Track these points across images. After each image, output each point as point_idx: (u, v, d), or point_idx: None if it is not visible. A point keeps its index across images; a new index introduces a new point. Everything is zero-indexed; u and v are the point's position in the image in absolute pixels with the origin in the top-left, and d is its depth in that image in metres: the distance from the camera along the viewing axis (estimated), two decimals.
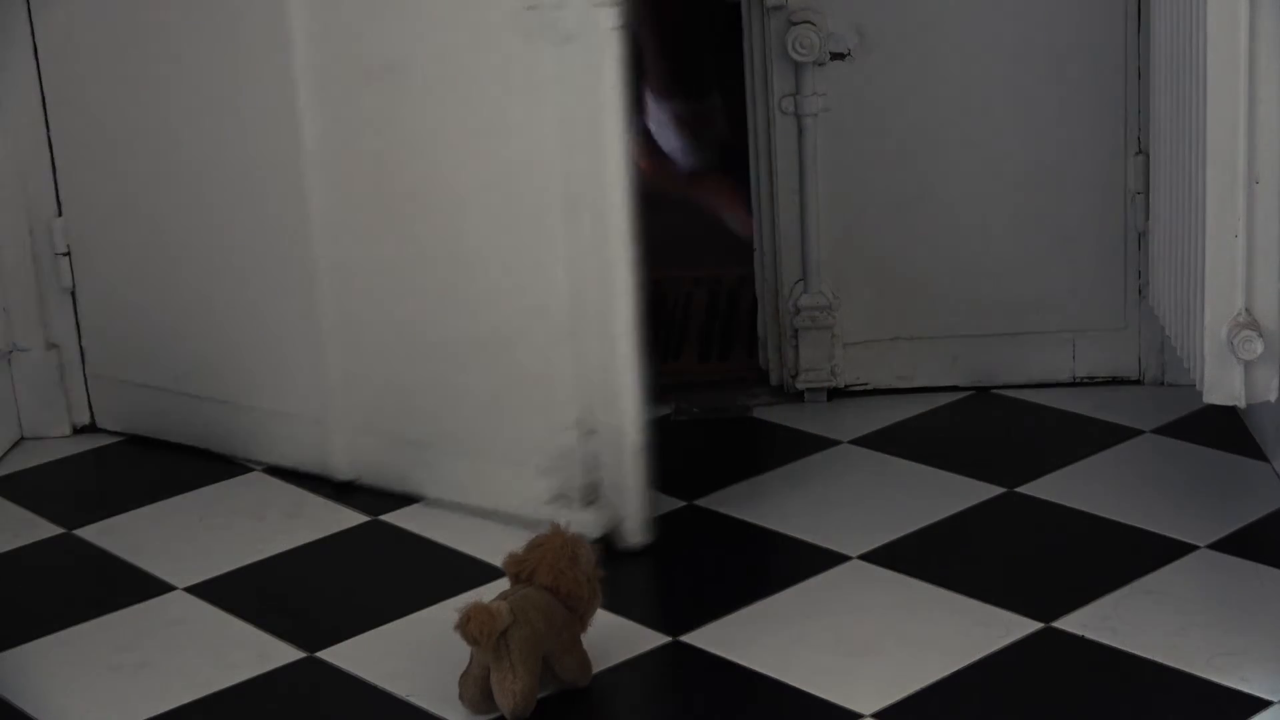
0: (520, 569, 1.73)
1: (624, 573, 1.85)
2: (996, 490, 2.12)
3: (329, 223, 2.13)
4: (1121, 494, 2.09)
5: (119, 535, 2.15)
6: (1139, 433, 2.25)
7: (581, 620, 1.74)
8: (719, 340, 2.66)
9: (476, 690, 1.69)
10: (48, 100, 2.32)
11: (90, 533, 2.16)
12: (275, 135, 2.14)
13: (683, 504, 2.12)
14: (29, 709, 1.79)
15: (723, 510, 2.10)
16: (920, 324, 2.39)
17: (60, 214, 2.36)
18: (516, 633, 1.65)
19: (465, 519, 2.11)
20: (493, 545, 1.99)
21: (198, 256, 2.26)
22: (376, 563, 2.06)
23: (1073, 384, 2.40)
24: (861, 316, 2.39)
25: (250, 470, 2.31)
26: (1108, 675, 1.74)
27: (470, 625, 1.63)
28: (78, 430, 2.43)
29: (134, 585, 2.03)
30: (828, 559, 1.99)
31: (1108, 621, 1.82)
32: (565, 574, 1.71)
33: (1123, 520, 2.03)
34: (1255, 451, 2.16)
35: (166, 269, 2.30)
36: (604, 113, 1.90)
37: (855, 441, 2.28)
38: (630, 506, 2.00)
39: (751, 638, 1.84)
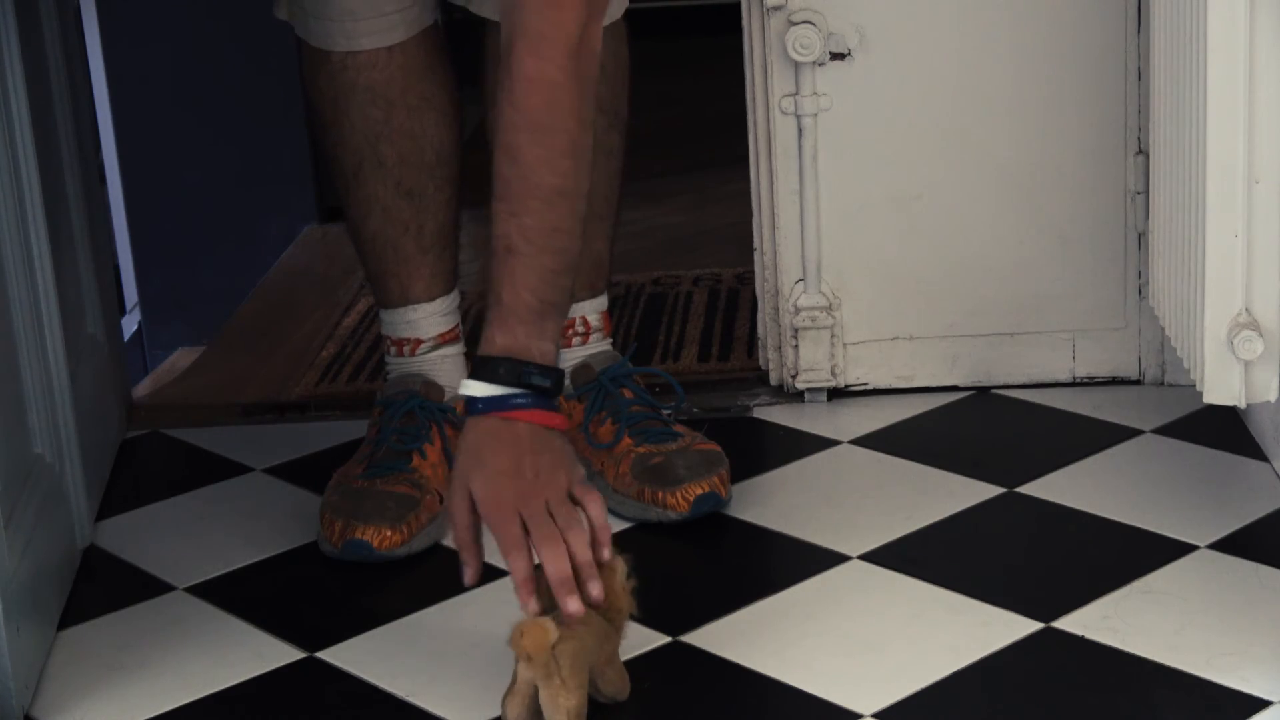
0: None
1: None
2: (996, 490, 2.12)
3: None
4: (1121, 494, 2.09)
5: (118, 535, 2.15)
6: (1139, 433, 2.25)
7: (617, 632, 1.72)
8: (719, 340, 2.66)
9: (524, 709, 1.64)
10: None
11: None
12: None
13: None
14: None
15: (722, 510, 2.10)
16: (920, 324, 2.39)
17: None
18: (565, 647, 1.62)
19: None
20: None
21: None
22: (376, 562, 2.05)
23: (1073, 384, 2.40)
24: (861, 316, 2.39)
25: (250, 470, 2.31)
26: (1108, 675, 1.74)
27: (525, 639, 1.59)
28: None
29: (134, 585, 2.03)
30: (828, 559, 1.99)
31: (1108, 621, 1.82)
32: (604, 588, 1.69)
33: (1123, 520, 2.03)
34: (1255, 451, 2.16)
35: None
36: None
37: (855, 441, 2.28)
38: None
39: (751, 638, 1.84)
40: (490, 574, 1.97)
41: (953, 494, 2.12)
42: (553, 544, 1.65)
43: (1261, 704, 1.67)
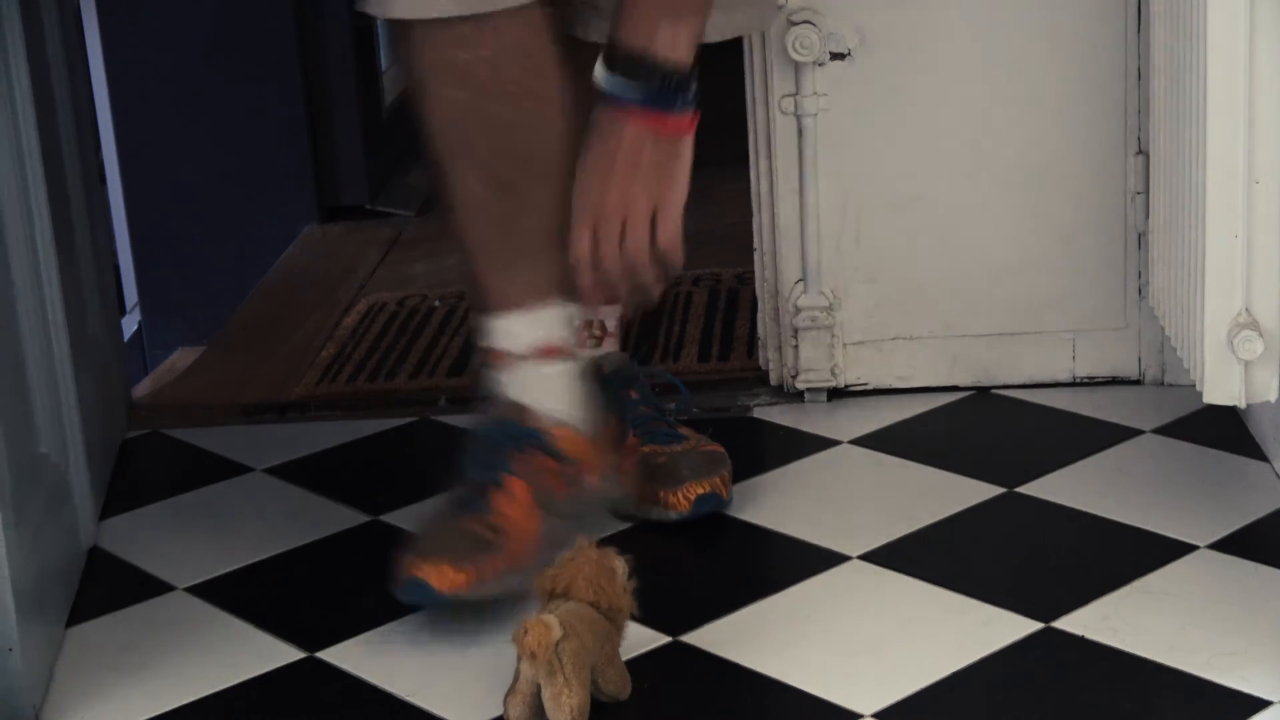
0: (555, 584, 1.69)
1: None
2: (996, 490, 2.12)
3: None
4: (1121, 494, 2.09)
5: (118, 535, 2.15)
6: (1139, 433, 2.25)
7: (618, 632, 1.72)
8: (719, 340, 2.66)
9: (526, 708, 1.64)
10: None
11: None
12: None
13: None
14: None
15: (722, 510, 2.09)
16: (920, 324, 2.39)
17: None
18: (568, 646, 1.62)
19: None
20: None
21: None
22: (376, 563, 2.05)
23: (1073, 384, 2.40)
24: (861, 316, 2.39)
25: (250, 470, 2.31)
26: (1108, 675, 1.74)
27: (529, 638, 1.59)
28: None
29: (134, 585, 2.03)
30: (828, 559, 1.99)
31: (1108, 621, 1.82)
32: (605, 589, 1.69)
33: (1123, 520, 2.03)
34: (1255, 451, 2.16)
35: None
36: None
37: (855, 441, 2.28)
38: None
39: (751, 638, 1.84)
40: None
41: (953, 494, 2.12)
42: (610, 252, 1.69)
43: (1261, 704, 1.67)
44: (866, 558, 1.98)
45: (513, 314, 1.92)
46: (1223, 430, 2.22)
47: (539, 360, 1.93)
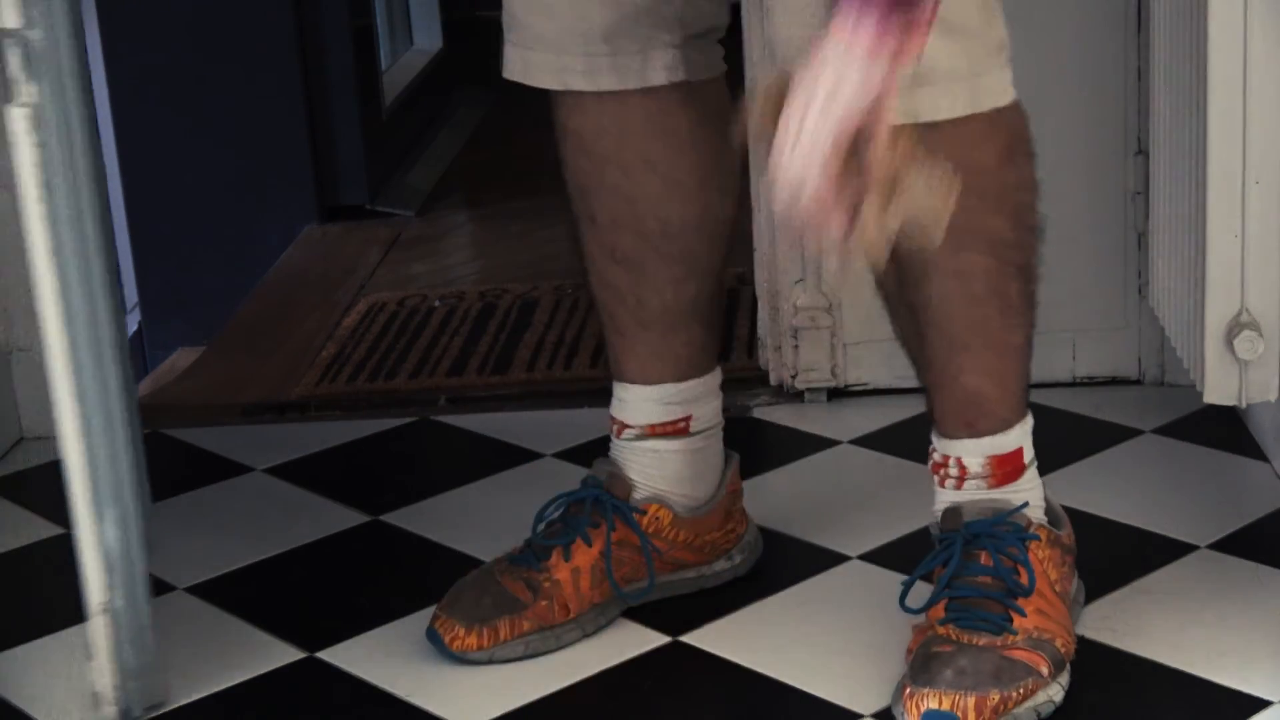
0: None
1: None
2: None
3: None
4: (1121, 494, 2.09)
5: None
6: (1139, 433, 2.25)
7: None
8: (719, 340, 2.66)
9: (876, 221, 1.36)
10: None
11: None
12: None
13: None
14: (29, 709, 1.79)
15: None
16: None
17: None
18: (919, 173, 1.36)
19: (460, 519, 2.12)
20: (488, 546, 1.99)
21: None
22: (376, 562, 2.06)
23: (1073, 384, 2.40)
24: (861, 316, 2.39)
25: (250, 470, 2.31)
26: (1108, 675, 1.73)
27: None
28: None
29: None
30: (828, 559, 1.99)
31: (1108, 621, 1.82)
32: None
33: (1123, 520, 2.03)
34: (1255, 451, 2.16)
35: None
36: None
37: (855, 441, 2.28)
38: None
39: (751, 638, 1.84)
40: None
41: None
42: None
43: (1261, 704, 1.67)
44: (866, 558, 1.98)
45: (631, 386, 1.89)
46: (1223, 430, 2.22)
47: (648, 435, 1.88)
